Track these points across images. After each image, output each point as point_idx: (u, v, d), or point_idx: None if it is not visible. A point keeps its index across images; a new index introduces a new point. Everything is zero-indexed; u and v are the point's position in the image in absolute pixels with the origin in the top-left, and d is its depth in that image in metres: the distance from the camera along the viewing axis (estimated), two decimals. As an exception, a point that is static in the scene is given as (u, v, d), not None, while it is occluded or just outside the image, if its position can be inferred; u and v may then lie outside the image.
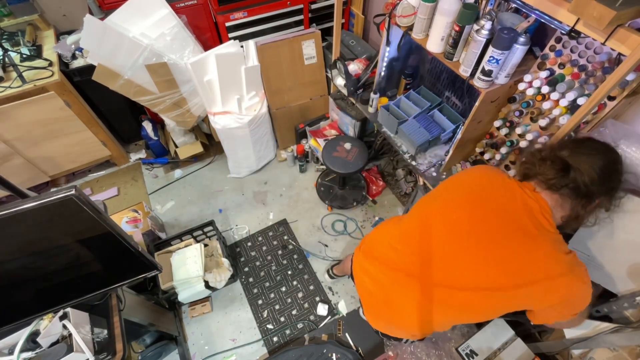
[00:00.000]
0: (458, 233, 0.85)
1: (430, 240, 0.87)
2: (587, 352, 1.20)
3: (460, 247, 0.84)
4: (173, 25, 1.90)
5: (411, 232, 0.93)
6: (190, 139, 2.54)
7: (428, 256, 0.86)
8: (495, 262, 0.80)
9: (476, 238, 0.83)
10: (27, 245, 0.85)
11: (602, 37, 0.83)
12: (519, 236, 0.80)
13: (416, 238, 0.91)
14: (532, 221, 0.80)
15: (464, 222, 0.85)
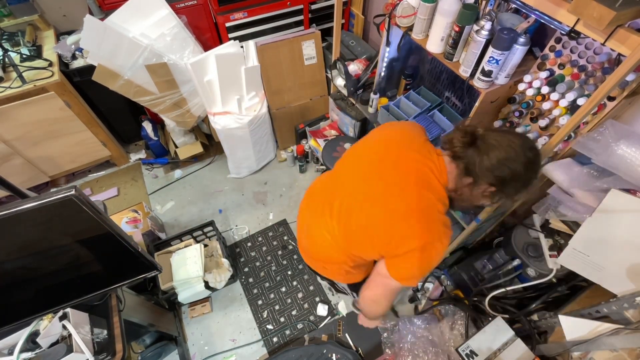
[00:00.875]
0: (363, 175, 0.97)
1: (341, 181, 1.02)
2: (587, 353, 1.20)
3: (362, 184, 0.96)
4: (173, 25, 1.91)
5: (332, 176, 1.08)
6: (190, 139, 2.54)
7: (336, 192, 1.01)
8: (382, 195, 0.91)
9: (376, 179, 0.93)
10: (27, 246, 0.85)
11: (602, 37, 0.83)
12: (410, 185, 0.88)
13: (331, 182, 1.07)
14: (422, 179, 0.88)
15: (371, 166, 0.96)
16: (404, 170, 0.90)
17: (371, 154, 0.99)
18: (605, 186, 1.08)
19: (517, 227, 1.54)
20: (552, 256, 1.36)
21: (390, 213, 0.88)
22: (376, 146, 1.01)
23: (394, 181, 0.90)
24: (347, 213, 0.96)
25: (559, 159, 1.28)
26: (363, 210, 0.92)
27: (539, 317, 1.48)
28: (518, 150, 0.82)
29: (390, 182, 0.90)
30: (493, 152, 0.82)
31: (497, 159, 0.81)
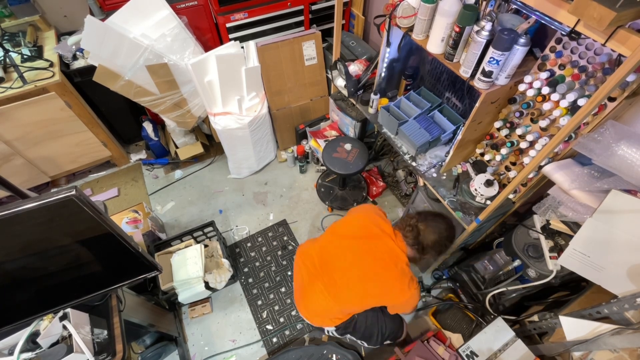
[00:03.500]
0: (346, 257, 1.36)
1: (329, 259, 1.40)
2: (588, 354, 1.20)
3: (347, 265, 1.35)
4: (174, 26, 1.91)
5: (321, 249, 1.45)
6: (191, 140, 2.55)
7: (327, 267, 1.39)
8: (366, 276, 1.32)
9: (357, 264, 1.33)
10: (28, 246, 0.86)
11: (603, 38, 0.83)
12: (382, 264, 1.32)
13: (321, 256, 1.43)
14: (393, 258, 1.32)
15: (351, 249, 1.37)
16: (380, 249, 1.33)
17: (351, 234, 1.40)
18: (606, 187, 1.08)
19: (518, 228, 1.54)
20: (552, 257, 1.36)
21: (383, 284, 1.31)
22: (354, 227, 1.42)
23: (376, 259, 1.32)
24: (344, 285, 1.34)
25: (560, 159, 1.28)
26: (361, 282, 1.32)
27: (540, 317, 1.48)
28: (443, 233, 1.34)
29: (373, 261, 1.32)
30: (431, 238, 1.32)
31: (433, 242, 1.32)
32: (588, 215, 1.12)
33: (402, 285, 1.29)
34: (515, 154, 1.41)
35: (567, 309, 1.38)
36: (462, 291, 1.89)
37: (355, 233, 1.40)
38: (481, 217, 1.40)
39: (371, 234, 1.37)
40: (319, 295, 1.39)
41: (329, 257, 1.40)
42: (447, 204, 1.55)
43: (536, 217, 1.47)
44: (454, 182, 1.61)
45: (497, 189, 1.45)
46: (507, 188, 1.25)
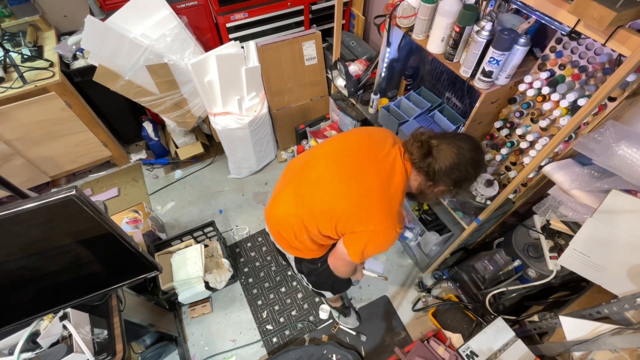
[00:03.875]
0: (337, 161, 1.07)
1: (317, 160, 1.12)
2: (588, 354, 1.20)
3: (335, 167, 1.06)
4: (174, 26, 1.91)
5: (312, 155, 1.16)
6: (191, 140, 2.55)
7: (304, 169, 1.12)
8: (349, 179, 1.03)
9: (349, 166, 1.05)
10: (28, 246, 0.86)
11: (603, 38, 0.83)
12: (375, 175, 1.02)
13: (305, 160, 1.15)
14: (389, 176, 1.02)
15: (346, 156, 1.07)
16: (374, 164, 1.03)
17: (347, 147, 1.10)
18: (606, 187, 1.08)
19: (518, 228, 1.54)
20: (552, 257, 1.36)
21: (357, 195, 1.01)
22: (354, 141, 1.12)
23: (363, 170, 1.03)
24: (315, 188, 1.07)
25: (560, 159, 1.28)
26: (334, 187, 1.04)
27: (540, 317, 1.48)
28: (466, 155, 0.98)
29: (360, 170, 1.03)
30: (446, 159, 0.97)
31: (450, 164, 0.97)
32: (588, 215, 1.12)
33: (382, 210, 1.00)
34: (515, 154, 1.41)
35: (567, 309, 1.38)
36: (462, 291, 1.89)
37: (351, 144, 1.12)
38: (481, 217, 1.40)
39: (373, 143, 1.08)
40: (284, 198, 1.14)
41: (312, 160, 1.14)
42: (447, 204, 1.54)
43: (536, 217, 1.47)
44: (454, 182, 1.60)
45: (497, 189, 1.45)
46: (507, 188, 1.25)
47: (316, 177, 1.08)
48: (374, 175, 1.02)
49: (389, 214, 1.00)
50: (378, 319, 1.93)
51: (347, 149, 1.09)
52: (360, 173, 1.02)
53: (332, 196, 1.03)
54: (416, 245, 2.01)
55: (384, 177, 1.02)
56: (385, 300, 2.00)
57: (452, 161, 0.97)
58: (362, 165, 1.03)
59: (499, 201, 1.31)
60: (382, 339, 1.87)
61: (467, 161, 0.98)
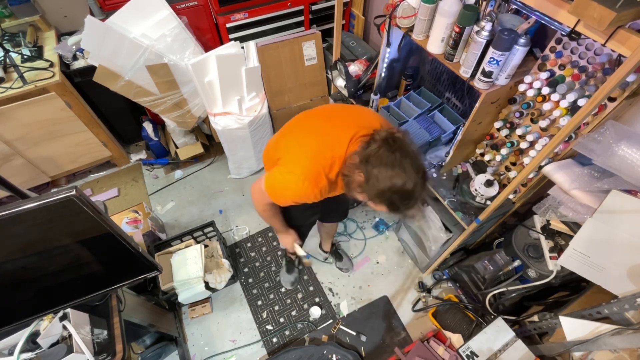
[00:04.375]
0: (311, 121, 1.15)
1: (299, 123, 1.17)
2: (588, 354, 1.20)
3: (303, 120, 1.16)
4: (174, 26, 1.91)
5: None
6: (191, 140, 2.55)
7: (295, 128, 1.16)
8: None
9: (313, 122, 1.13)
10: (28, 246, 0.86)
11: (603, 38, 0.83)
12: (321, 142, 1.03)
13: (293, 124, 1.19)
14: (332, 143, 1.01)
15: (316, 117, 1.16)
16: (330, 136, 1.04)
17: (321, 111, 1.19)
18: (606, 187, 1.08)
19: (518, 228, 1.54)
20: (552, 257, 1.36)
21: (295, 139, 1.08)
22: (329, 109, 1.20)
23: (322, 127, 1.08)
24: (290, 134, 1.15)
25: (560, 159, 1.28)
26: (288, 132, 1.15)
27: (540, 318, 1.48)
28: (387, 193, 0.90)
29: (319, 126, 1.09)
30: (373, 185, 0.90)
31: (367, 172, 0.91)
32: (588, 215, 1.12)
33: (303, 161, 1.03)
34: (515, 154, 1.41)
35: (567, 309, 1.38)
36: (462, 291, 1.89)
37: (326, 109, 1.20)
38: (481, 217, 1.40)
39: (351, 121, 1.08)
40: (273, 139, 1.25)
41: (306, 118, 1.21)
42: (447, 204, 1.55)
43: (536, 217, 1.47)
44: (454, 182, 1.61)
45: (497, 189, 1.45)
46: (507, 188, 1.25)
47: (295, 127, 1.16)
48: (321, 141, 1.03)
49: (301, 163, 1.01)
50: (378, 319, 1.93)
51: (330, 114, 1.16)
52: (318, 132, 1.06)
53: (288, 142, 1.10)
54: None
55: (329, 145, 1.02)
56: (385, 301, 2.00)
57: (372, 187, 0.91)
58: (323, 129, 1.07)
59: (499, 201, 1.31)
60: (382, 339, 1.87)
61: (385, 195, 0.91)
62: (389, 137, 0.92)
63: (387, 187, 0.88)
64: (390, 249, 2.23)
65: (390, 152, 0.89)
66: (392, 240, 2.27)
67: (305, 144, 1.05)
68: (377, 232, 2.30)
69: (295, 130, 1.14)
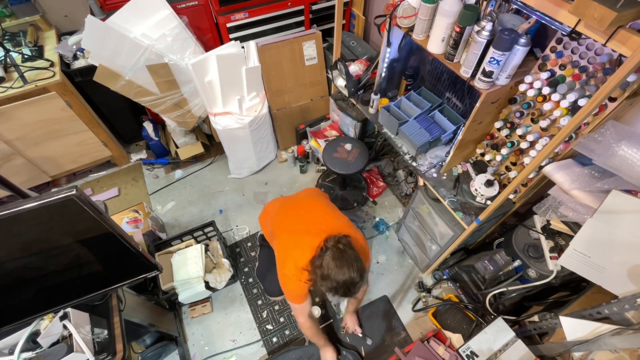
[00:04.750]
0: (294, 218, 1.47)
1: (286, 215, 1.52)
2: (588, 354, 1.20)
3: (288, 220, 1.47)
4: (174, 26, 1.91)
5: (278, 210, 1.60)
6: (191, 140, 2.55)
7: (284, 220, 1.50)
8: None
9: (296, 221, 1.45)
10: (28, 245, 0.86)
11: (603, 38, 0.83)
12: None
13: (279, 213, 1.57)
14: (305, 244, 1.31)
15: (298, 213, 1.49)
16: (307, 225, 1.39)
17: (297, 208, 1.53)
18: (606, 187, 1.08)
19: (518, 228, 1.54)
20: (552, 257, 1.36)
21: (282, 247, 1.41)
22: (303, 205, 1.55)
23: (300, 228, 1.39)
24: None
25: (560, 159, 1.28)
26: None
27: (540, 318, 1.48)
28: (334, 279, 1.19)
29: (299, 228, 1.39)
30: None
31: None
32: (588, 215, 1.12)
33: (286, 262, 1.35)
34: (515, 154, 1.41)
35: (567, 309, 1.38)
36: (462, 291, 1.89)
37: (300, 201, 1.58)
38: (481, 217, 1.40)
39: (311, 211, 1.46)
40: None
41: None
42: (447, 204, 1.55)
43: (536, 218, 1.47)
44: (454, 182, 1.61)
45: (498, 189, 1.45)
46: (508, 188, 1.25)
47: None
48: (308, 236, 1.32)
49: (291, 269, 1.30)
50: (378, 319, 1.93)
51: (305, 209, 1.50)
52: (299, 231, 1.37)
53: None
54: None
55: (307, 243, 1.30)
56: (385, 301, 2.00)
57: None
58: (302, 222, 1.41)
59: (499, 201, 1.31)
60: (382, 339, 1.87)
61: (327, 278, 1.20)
62: (334, 246, 1.22)
63: (334, 284, 1.19)
64: (390, 248, 2.23)
65: (334, 258, 1.19)
66: (392, 240, 2.27)
67: (289, 249, 1.37)
68: (377, 232, 2.30)
69: (282, 229, 1.46)
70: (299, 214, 1.48)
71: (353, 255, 1.22)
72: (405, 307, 1.98)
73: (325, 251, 1.23)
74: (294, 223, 1.44)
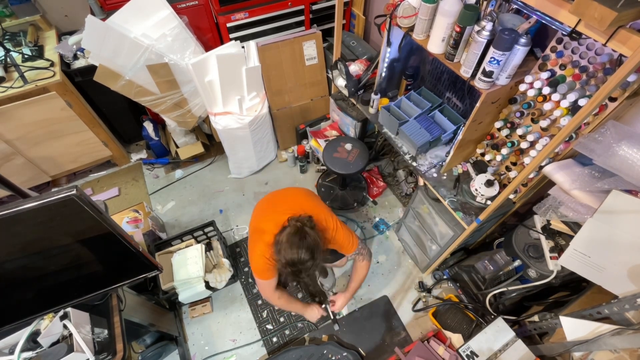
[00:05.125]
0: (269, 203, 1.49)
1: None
2: (588, 354, 1.20)
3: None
4: (174, 25, 1.91)
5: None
6: (191, 140, 2.55)
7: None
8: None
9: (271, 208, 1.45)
10: (28, 245, 0.86)
11: (604, 38, 0.83)
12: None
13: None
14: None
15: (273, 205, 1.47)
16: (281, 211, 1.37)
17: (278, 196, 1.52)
18: (607, 187, 1.08)
19: (518, 228, 1.54)
20: (552, 257, 1.36)
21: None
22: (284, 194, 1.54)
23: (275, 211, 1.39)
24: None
25: (560, 159, 1.28)
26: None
27: (540, 318, 1.48)
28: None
29: (274, 210, 1.41)
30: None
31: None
32: (589, 215, 1.12)
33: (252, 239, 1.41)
34: (515, 154, 1.41)
35: (567, 309, 1.38)
36: (463, 291, 1.89)
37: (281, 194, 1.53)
38: (481, 217, 1.40)
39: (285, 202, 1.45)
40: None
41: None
42: (447, 204, 1.54)
43: (537, 218, 1.47)
44: (455, 182, 1.61)
45: (498, 189, 1.45)
46: (508, 188, 1.25)
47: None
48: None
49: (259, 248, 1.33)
50: (378, 319, 1.93)
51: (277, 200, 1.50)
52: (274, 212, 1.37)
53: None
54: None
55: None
56: (385, 301, 2.00)
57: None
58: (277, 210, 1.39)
59: (499, 201, 1.31)
60: (382, 339, 1.87)
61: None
62: (294, 224, 1.24)
63: (284, 261, 1.22)
64: (390, 248, 2.23)
65: (288, 235, 1.22)
66: (392, 240, 2.27)
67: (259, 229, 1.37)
68: (377, 232, 2.30)
69: (256, 212, 1.48)
70: (275, 200, 1.50)
71: (311, 235, 1.22)
72: (405, 307, 1.99)
73: (284, 229, 1.25)
74: (266, 206, 1.47)
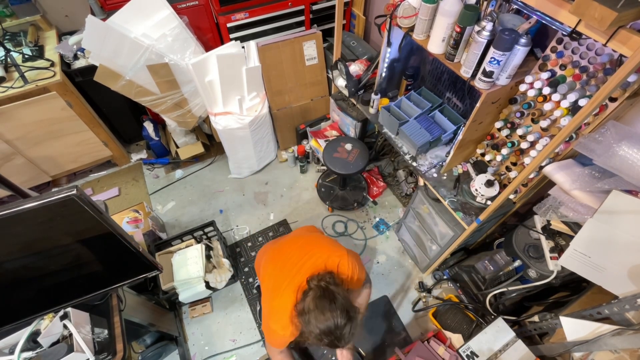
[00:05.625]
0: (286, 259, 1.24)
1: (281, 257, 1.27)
2: (588, 355, 1.19)
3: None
4: (174, 26, 1.91)
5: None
6: (191, 140, 2.55)
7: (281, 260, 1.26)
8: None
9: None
10: (28, 245, 0.86)
11: (604, 38, 0.83)
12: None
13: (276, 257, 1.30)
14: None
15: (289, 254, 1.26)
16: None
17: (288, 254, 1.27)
18: (607, 187, 1.08)
19: (518, 228, 1.54)
20: (553, 258, 1.36)
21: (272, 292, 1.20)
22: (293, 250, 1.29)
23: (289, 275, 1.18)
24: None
25: (560, 159, 1.28)
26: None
27: (540, 318, 1.48)
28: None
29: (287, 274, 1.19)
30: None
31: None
32: (589, 215, 1.12)
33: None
34: (516, 154, 1.41)
35: (567, 310, 1.38)
36: (463, 291, 1.89)
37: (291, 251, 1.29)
38: (482, 217, 1.40)
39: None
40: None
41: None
42: (447, 204, 1.54)
43: (537, 218, 1.47)
44: (455, 183, 1.61)
45: (498, 189, 1.45)
46: (508, 188, 1.25)
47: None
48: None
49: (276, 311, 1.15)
50: (378, 319, 1.93)
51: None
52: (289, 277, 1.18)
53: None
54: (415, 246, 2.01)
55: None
56: (385, 301, 2.00)
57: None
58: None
59: (499, 201, 1.31)
60: (382, 339, 1.87)
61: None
62: (319, 286, 1.07)
63: (317, 331, 1.02)
64: (390, 249, 2.23)
65: (319, 300, 1.04)
66: (392, 240, 2.27)
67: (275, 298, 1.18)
68: (377, 232, 2.30)
69: (264, 276, 1.27)
70: (281, 257, 1.28)
71: (340, 293, 1.06)
72: (405, 307, 1.98)
73: (305, 293, 1.08)
74: (273, 267, 1.26)
